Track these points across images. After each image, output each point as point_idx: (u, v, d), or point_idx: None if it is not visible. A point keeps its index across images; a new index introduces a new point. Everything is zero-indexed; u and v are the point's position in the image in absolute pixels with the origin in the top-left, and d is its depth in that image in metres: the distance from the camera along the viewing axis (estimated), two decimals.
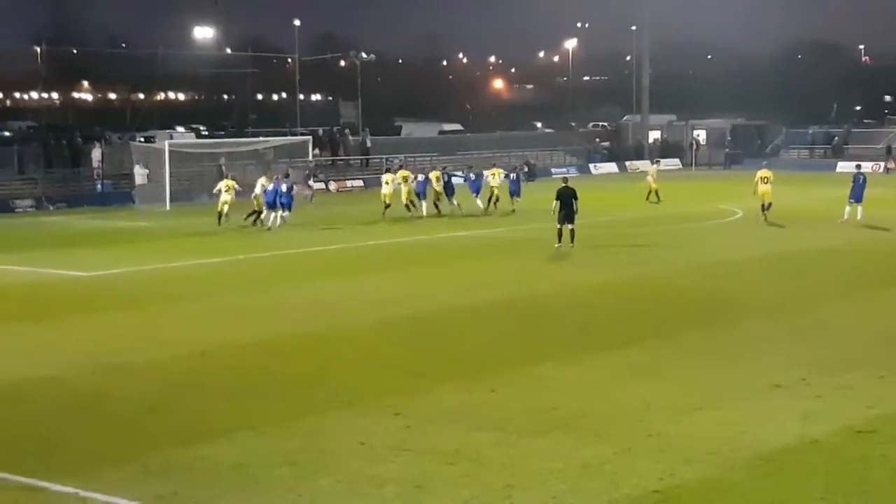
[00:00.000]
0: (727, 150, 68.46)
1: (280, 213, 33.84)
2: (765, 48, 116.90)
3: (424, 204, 37.29)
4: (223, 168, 45.45)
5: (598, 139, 73.00)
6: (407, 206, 37.17)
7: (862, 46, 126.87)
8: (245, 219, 34.43)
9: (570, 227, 27.19)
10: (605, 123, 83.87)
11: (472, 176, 40.14)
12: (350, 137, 64.57)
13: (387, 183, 37.24)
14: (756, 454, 10.98)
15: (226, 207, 34.26)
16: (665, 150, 70.66)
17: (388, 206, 36.49)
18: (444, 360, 15.48)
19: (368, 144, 60.48)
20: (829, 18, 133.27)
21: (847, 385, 13.65)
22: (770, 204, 34.01)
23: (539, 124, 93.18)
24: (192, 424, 12.38)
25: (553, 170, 59.32)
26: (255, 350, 16.28)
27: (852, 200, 32.76)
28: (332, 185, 51.11)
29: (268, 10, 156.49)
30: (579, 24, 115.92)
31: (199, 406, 13.23)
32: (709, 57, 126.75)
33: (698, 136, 72.00)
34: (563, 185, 27.99)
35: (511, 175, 39.53)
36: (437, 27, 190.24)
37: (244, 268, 26.02)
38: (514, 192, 38.62)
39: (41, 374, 14.81)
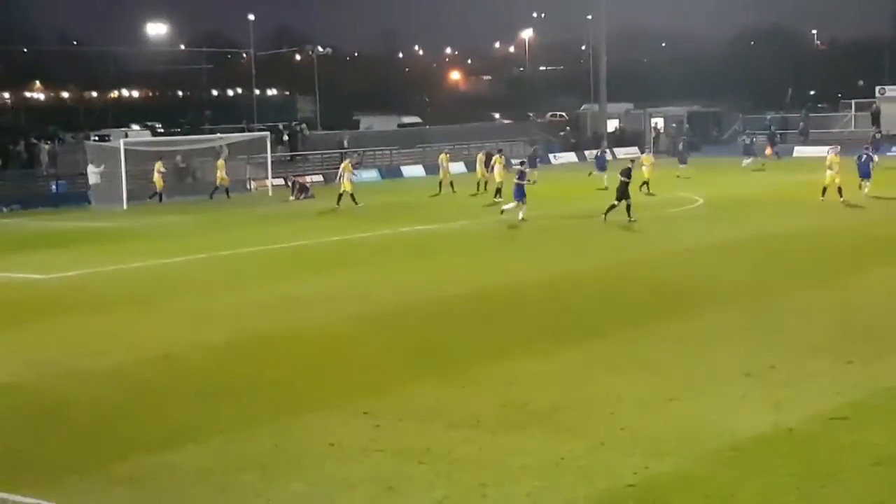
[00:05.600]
0: (683, 136, 68.76)
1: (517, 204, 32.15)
2: (717, 34, 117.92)
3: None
4: (179, 165, 45.07)
5: (567, 128, 72.75)
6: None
7: (815, 31, 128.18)
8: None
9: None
10: (563, 113, 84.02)
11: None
12: (308, 132, 64.23)
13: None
14: (729, 444, 10.94)
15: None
16: (623, 138, 70.86)
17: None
18: (413, 357, 15.33)
19: (346, 144, 60.02)
20: (781, 4, 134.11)
21: (817, 372, 13.67)
22: (839, 188, 34.60)
23: (497, 115, 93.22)
24: (158, 430, 12.14)
25: (513, 160, 59.27)
26: (221, 351, 16.04)
27: (863, 177, 36.35)
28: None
29: (221, 5, 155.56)
30: (535, 14, 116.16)
31: (165, 411, 12.98)
32: (662, 45, 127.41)
33: (656, 123, 72.30)
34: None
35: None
36: (392, 20, 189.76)
37: (206, 267, 25.71)
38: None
39: (1, 380, 14.48)
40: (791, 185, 42.94)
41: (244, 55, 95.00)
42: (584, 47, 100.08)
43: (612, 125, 74.39)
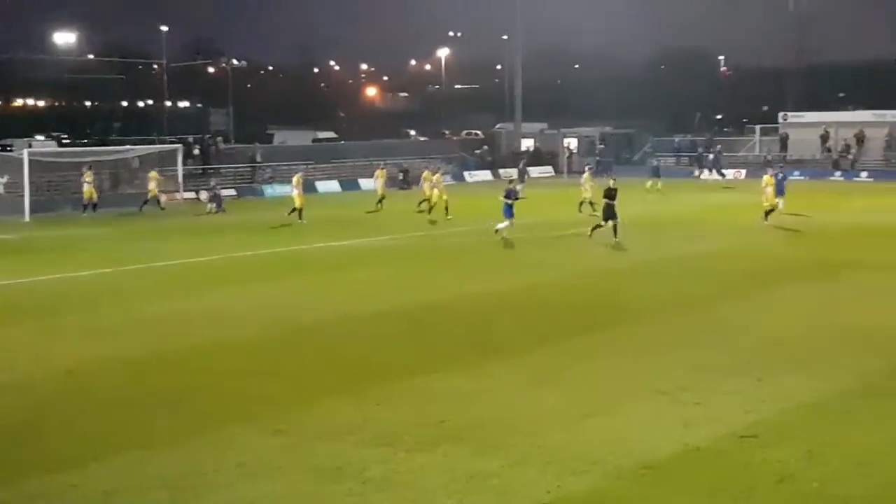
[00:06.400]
0: (598, 157, 69.50)
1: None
2: (629, 58, 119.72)
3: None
4: (86, 177, 44.13)
5: (485, 147, 72.91)
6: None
7: (722, 57, 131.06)
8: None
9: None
10: (479, 131, 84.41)
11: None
12: (223, 145, 63.44)
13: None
14: (642, 462, 10.98)
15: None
16: (538, 157, 71.42)
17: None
18: (328, 374, 15.13)
19: (259, 159, 59.33)
20: (691, 30, 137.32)
21: (727, 390, 13.82)
22: (773, 209, 34.57)
23: (413, 132, 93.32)
24: (61, 448, 11.77)
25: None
26: (129, 366, 15.65)
27: (778, 195, 36.31)
28: (203, 195, 49.92)
29: (134, 16, 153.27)
30: (451, 33, 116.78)
31: (68, 428, 12.59)
32: (576, 66, 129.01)
33: (569, 144, 72.99)
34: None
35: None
36: (308, 34, 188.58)
37: (115, 280, 25.11)
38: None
39: None
40: (702, 206, 43.64)
41: (156, 66, 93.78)
42: (499, 67, 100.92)
43: (527, 144, 74.94)
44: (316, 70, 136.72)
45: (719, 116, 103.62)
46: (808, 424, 12.31)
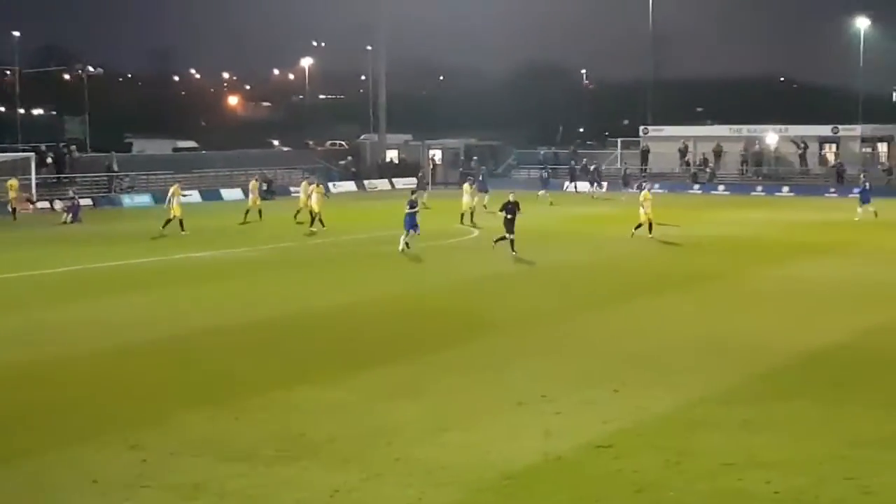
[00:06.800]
0: (461, 169, 69.99)
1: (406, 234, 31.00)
2: (493, 71, 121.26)
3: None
4: None
5: (349, 157, 72.54)
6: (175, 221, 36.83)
7: (584, 71, 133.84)
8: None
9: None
10: (343, 142, 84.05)
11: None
12: (77, 153, 61.59)
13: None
14: (502, 474, 11.05)
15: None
16: (402, 168, 71.53)
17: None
18: (187, 387, 14.82)
19: (115, 168, 57.69)
20: (553, 44, 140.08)
21: (585, 400, 14.04)
22: (650, 224, 34.84)
23: (276, 142, 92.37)
24: None
25: (292, 188, 58.69)
26: None
27: (863, 202, 42.18)
28: (59, 204, 48.34)
29: None
30: (314, 43, 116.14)
31: None
32: (441, 78, 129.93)
33: (434, 155, 73.36)
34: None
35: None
36: (167, 41, 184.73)
37: None
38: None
39: None
40: (575, 218, 44.25)
41: (8, 72, 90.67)
42: (363, 77, 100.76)
43: (392, 155, 75.01)
44: (176, 78, 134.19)
45: (582, 129, 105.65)
46: (664, 434, 12.56)
